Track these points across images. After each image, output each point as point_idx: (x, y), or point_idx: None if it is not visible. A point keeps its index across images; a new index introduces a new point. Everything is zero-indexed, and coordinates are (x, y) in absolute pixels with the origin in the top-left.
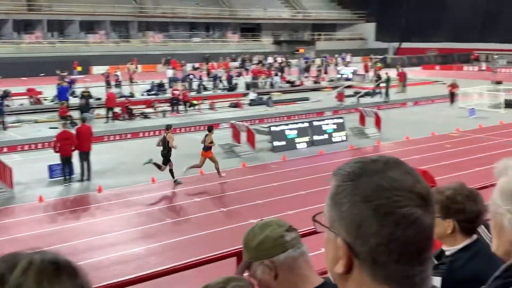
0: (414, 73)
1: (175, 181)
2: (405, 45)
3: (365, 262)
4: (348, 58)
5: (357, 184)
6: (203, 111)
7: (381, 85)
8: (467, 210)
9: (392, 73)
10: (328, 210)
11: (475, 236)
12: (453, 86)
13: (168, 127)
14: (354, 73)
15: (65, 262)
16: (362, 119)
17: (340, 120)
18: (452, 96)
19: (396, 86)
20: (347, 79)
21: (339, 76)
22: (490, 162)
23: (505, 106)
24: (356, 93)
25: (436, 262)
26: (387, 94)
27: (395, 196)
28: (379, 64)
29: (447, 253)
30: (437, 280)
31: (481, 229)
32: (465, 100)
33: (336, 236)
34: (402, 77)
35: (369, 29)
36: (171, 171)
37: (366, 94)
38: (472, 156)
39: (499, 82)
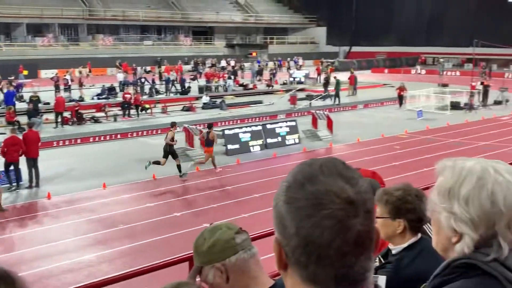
0: (363, 76)
1: (181, 176)
2: (355, 49)
3: (291, 261)
4: (301, 61)
5: (288, 186)
6: (156, 115)
7: (331, 88)
8: (417, 210)
9: (344, 76)
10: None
11: (419, 235)
12: (401, 89)
13: (172, 124)
14: (306, 76)
15: (3, 272)
16: (314, 122)
17: (293, 123)
18: (400, 99)
19: (347, 89)
20: (299, 83)
21: (291, 79)
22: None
23: (451, 108)
24: (308, 96)
25: (383, 261)
26: (337, 97)
27: (317, 199)
28: (330, 67)
29: (393, 252)
30: (382, 279)
31: (427, 226)
32: (413, 102)
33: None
34: (353, 81)
35: (320, 33)
36: (178, 166)
37: (324, 97)
38: (420, 157)
39: (445, 85)
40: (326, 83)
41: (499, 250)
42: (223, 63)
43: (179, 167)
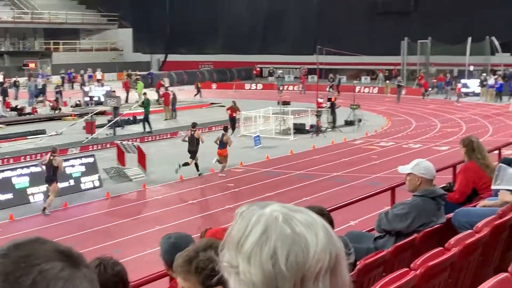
0: (185, 93)
1: (200, 174)
2: (172, 57)
3: None
4: (99, 74)
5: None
6: None
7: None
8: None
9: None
10: None
11: None
12: (233, 109)
13: (194, 125)
14: (107, 94)
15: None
16: (121, 157)
17: (91, 160)
18: (233, 122)
19: (162, 111)
20: (99, 104)
21: (87, 99)
22: (279, 201)
23: (294, 132)
24: (110, 121)
25: None
26: (146, 122)
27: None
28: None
29: None
30: None
31: None
32: (248, 126)
33: None
34: (168, 100)
35: (124, 36)
36: (196, 164)
37: (114, 124)
38: (260, 196)
39: (286, 103)
40: (144, 102)
41: None
42: None
43: (197, 165)
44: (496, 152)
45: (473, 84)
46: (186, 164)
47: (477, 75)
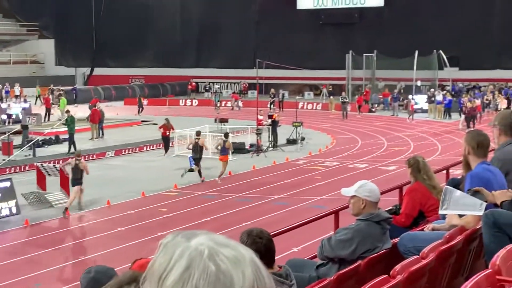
0: (113, 110)
1: (202, 181)
2: (99, 71)
3: None
4: (17, 90)
5: None
6: None
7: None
8: None
9: (82, 111)
10: None
11: None
12: (167, 127)
13: (198, 133)
14: (26, 112)
15: None
16: (41, 180)
17: (7, 184)
18: (166, 141)
19: (89, 129)
20: (17, 122)
21: (4, 117)
22: (215, 228)
23: (233, 151)
24: (30, 141)
25: None
26: (71, 142)
27: None
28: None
29: None
30: None
31: None
32: (183, 145)
33: None
34: (96, 117)
35: (46, 48)
36: (199, 171)
37: (28, 144)
38: (195, 222)
39: (224, 120)
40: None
41: None
42: None
43: (200, 172)
44: (445, 172)
45: (421, 100)
46: (191, 170)
47: (424, 90)
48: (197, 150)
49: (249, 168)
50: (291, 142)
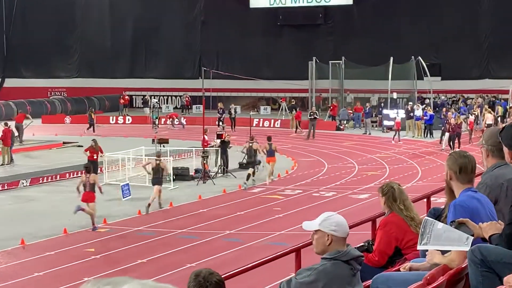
0: (29, 129)
1: (253, 181)
2: (10, 82)
3: None
4: None
5: None
6: None
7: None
8: None
9: None
10: None
11: None
12: (94, 150)
13: (252, 138)
14: None
15: None
16: None
17: None
18: (93, 166)
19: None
20: None
21: None
22: (152, 271)
23: (175, 178)
24: None
25: None
26: None
27: None
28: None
29: None
30: None
31: None
32: (114, 172)
33: None
34: (8, 139)
35: None
36: (249, 175)
37: None
38: (129, 264)
39: (163, 141)
40: None
41: None
42: None
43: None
44: (425, 200)
45: (398, 115)
46: (248, 176)
47: (402, 104)
48: (251, 155)
49: (194, 198)
50: (244, 166)
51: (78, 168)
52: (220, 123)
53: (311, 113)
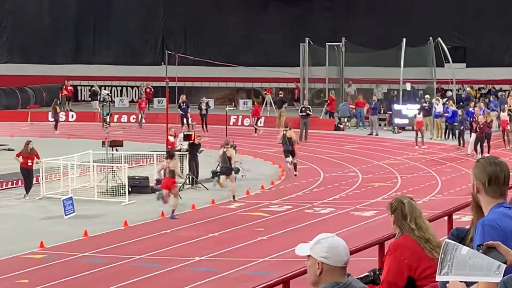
0: None
1: (295, 175)
2: None
3: None
4: None
5: None
6: None
7: None
8: None
9: None
10: None
11: None
12: (28, 155)
13: (286, 125)
14: None
15: None
16: None
17: None
18: (27, 176)
19: None
20: None
21: None
22: None
23: (131, 191)
24: None
25: None
26: None
27: None
28: None
29: None
30: None
31: None
32: (53, 182)
33: None
34: None
35: None
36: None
37: None
38: None
39: (116, 144)
40: None
41: None
42: None
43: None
44: (446, 218)
45: (412, 112)
46: (294, 164)
47: (416, 97)
48: (286, 143)
49: (156, 216)
50: (219, 175)
51: (9, 178)
52: (185, 121)
53: (303, 109)
